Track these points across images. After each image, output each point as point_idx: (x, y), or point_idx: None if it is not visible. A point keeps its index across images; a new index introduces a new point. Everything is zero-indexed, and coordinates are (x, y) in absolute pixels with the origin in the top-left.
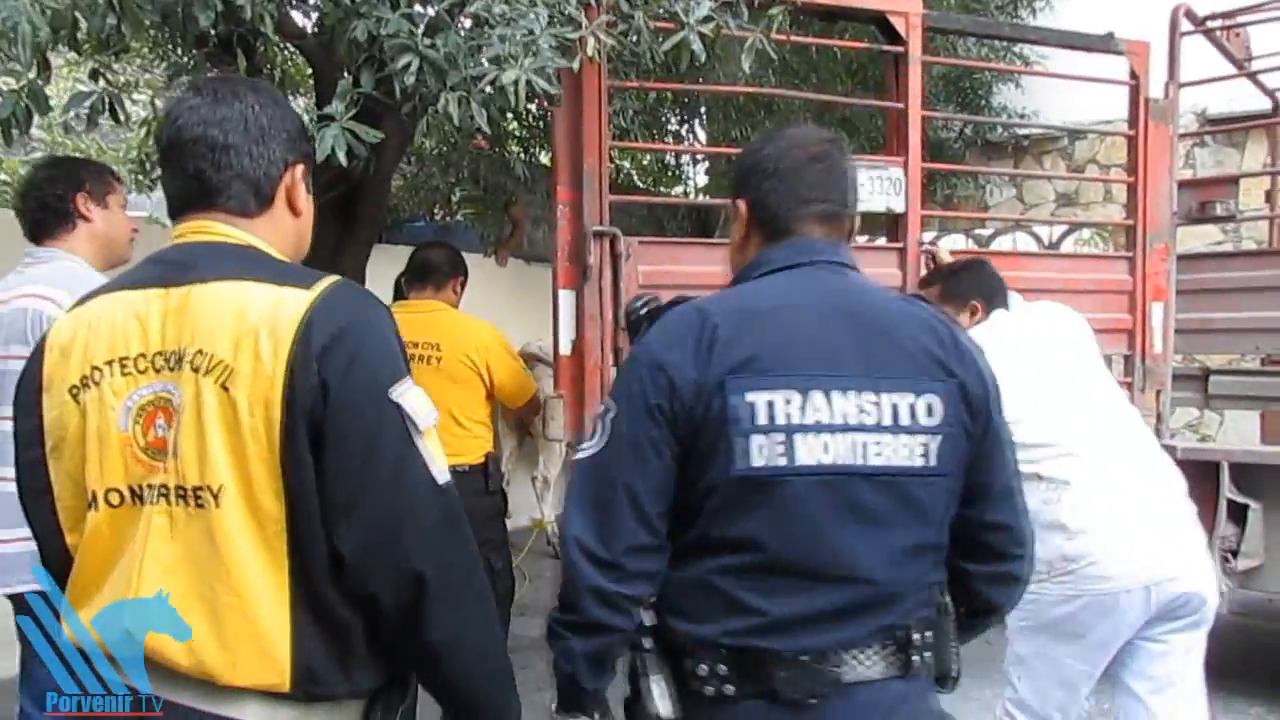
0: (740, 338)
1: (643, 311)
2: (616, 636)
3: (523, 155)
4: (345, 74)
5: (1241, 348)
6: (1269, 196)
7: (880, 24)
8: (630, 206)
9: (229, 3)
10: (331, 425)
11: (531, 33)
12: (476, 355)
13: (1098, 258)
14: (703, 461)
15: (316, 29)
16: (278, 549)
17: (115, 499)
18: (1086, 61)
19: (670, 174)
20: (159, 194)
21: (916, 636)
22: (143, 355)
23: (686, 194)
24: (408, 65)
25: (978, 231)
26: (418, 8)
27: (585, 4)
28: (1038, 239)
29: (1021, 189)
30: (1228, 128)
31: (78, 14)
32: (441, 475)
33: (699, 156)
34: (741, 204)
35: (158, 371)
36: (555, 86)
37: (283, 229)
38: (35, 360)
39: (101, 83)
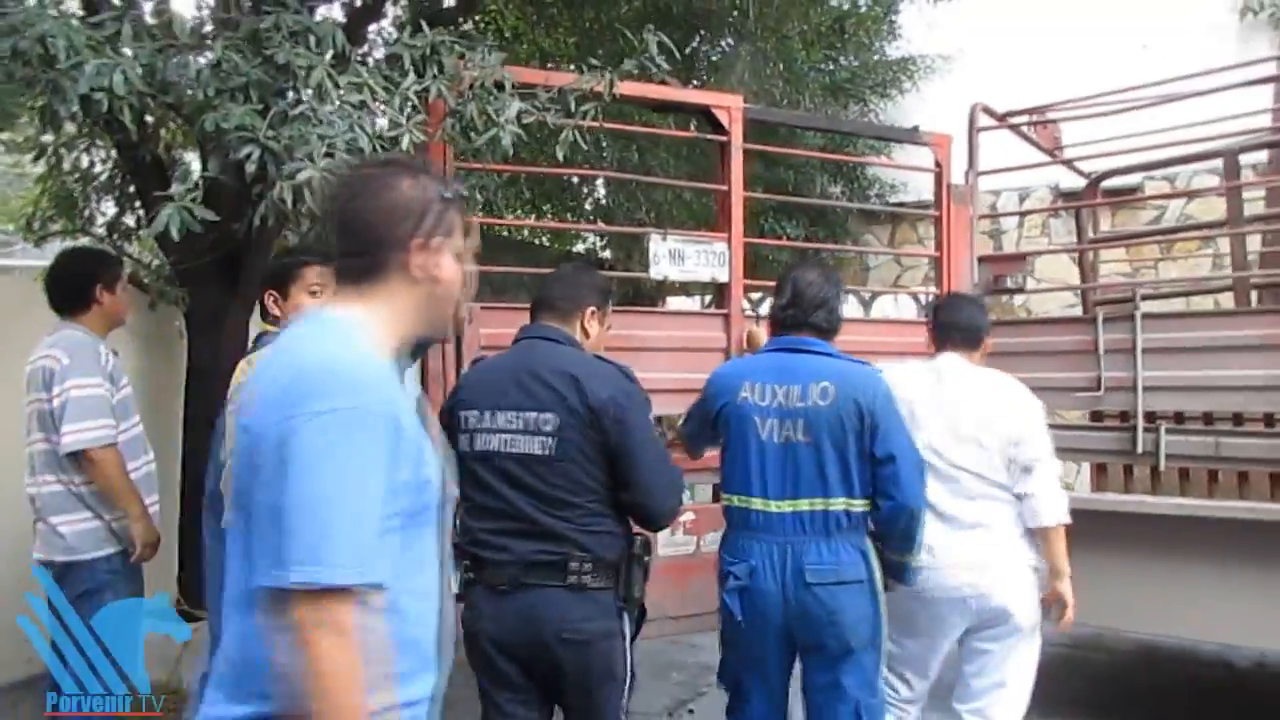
0: (467, 384)
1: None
2: None
3: None
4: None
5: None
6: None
7: (706, 115)
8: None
9: (86, 99)
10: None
11: (351, 130)
12: None
13: (907, 323)
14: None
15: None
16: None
17: None
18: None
19: (569, 236)
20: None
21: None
22: None
23: (586, 252)
24: (249, 154)
25: (861, 293)
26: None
27: (411, 104)
28: (918, 302)
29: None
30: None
31: None
32: None
33: (595, 220)
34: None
35: None
36: None
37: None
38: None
39: None
